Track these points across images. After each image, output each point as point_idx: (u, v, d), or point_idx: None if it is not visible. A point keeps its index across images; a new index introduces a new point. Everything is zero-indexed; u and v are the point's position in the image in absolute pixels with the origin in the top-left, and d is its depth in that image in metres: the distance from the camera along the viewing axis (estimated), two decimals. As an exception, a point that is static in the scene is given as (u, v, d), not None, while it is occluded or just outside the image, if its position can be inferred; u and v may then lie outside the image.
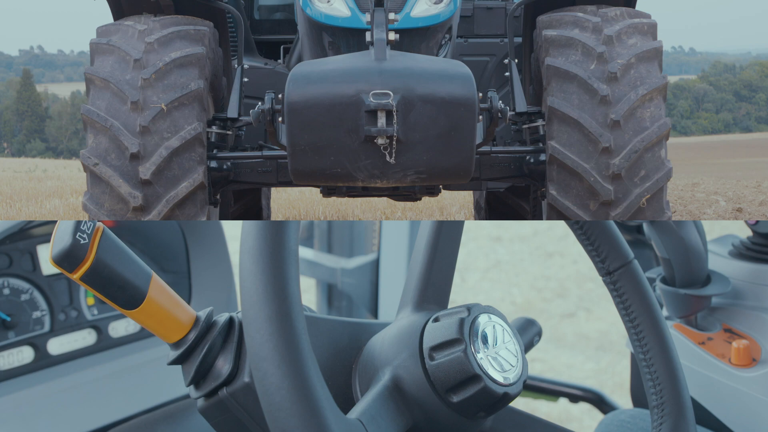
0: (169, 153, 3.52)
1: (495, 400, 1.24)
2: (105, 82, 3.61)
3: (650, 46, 3.72)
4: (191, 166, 3.55)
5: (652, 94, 3.64)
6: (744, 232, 2.82)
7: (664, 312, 2.73)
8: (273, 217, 6.69)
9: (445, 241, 1.41)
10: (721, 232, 2.88)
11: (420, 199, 4.39)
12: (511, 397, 1.26)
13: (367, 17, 3.61)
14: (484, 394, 1.23)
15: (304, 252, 4.43)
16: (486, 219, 6.12)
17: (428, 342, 1.25)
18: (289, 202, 9.94)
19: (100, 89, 3.63)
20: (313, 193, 9.56)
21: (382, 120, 3.18)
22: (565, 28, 3.86)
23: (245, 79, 4.10)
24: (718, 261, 2.73)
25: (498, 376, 1.24)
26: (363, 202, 8.93)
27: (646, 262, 3.08)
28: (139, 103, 3.55)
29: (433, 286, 1.39)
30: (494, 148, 3.86)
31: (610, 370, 5.91)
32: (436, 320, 1.28)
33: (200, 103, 3.61)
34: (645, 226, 2.65)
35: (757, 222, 2.66)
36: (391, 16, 3.51)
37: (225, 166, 3.99)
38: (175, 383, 2.51)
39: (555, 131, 3.64)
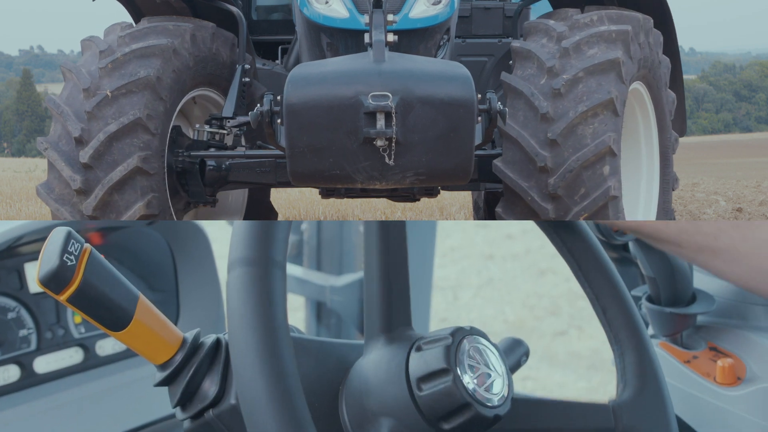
0: (107, 137, 3.55)
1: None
2: (71, 73, 3.73)
3: (604, 58, 3.63)
4: (131, 152, 3.57)
5: (595, 110, 3.54)
6: None
7: (650, 331, 2.73)
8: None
9: (393, 256, 1.38)
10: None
11: (419, 199, 4.39)
12: (501, 417, 1.25)
13: (365, 18, 3.61)
14: (476, 419, 1.23)
15: (293, 269, 4.41)
16: (485, 219, 6.12)
17: (415, 373, 1.25)
18: (289, 202, 9.92)
19: (67, 80, 3.75)
20: (313, 193, 9.54)
21: (381, 122, 3.17)
22: (535, 36, 3.83)
23: (246, 79, 4.11)
24: (703, 279, 2.72)
25: (487, 399, 1.24)
26: (362, 202, 8.92)
27: (632, 280, 3.05)
28: (90, 91, 3.62)
29: (396, 308, 1.36)
30: (490, 150, 3.84)
31: (602, 388, 5.89)
32: (419, 349, 1.27)
33: (153, 92, 3.64)
34: (630, 245, 2.64)
35: None
36: (390, 17, 3.50)
37: (223, 166, 4.00)
38: (161, 403, 2.51)
39: (503, 148, 3.65)
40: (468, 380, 1.23)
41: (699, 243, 1.43)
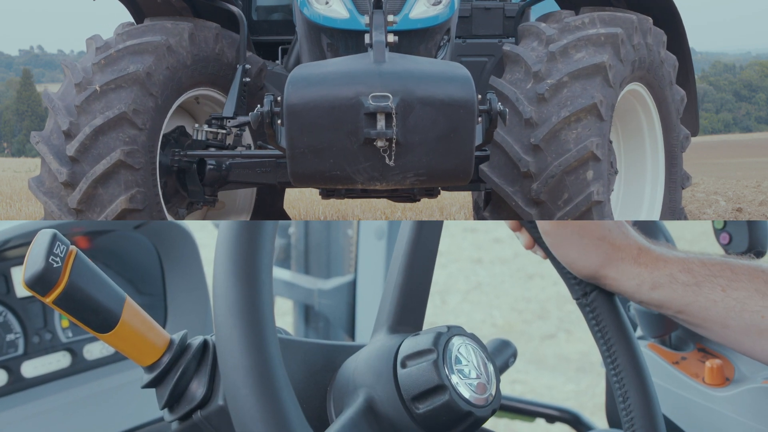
0: (93, 131, 3.58)
1: (460, 417, 1.22)
2: (67, 69, 3.78)
3: (590, 62, 3.63)
4: (115, 146, 3.59)
5: (578, 115, 3.55)
6: (718, 251, 2.81)
7: (639, 332, 2.74)
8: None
9: (421, 258, 1.40)
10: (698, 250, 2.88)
11: (419, 200, 4.39)
12: (478, 419, 1.24)
13: (365, 19, 3.61)
14: (449, 408, 1.21)
15: (281, 273, 4.41)
16: (485, 219, 6.11)
17: (403, 352, 1.25)
18: (289, 202, 9.91)
19: (66, 76, 3.79)
20: (313, 193, 9.54)
21: (381, 122, 3.17)
22: (526, 40, 3.84)
23: (246, 79, 4.11)
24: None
25: (467, 394, 1.23)
26: (363, 202, 8.91)
27: None
28: (82, 85, 3.66)
29: (409, 307, 1.38)
30: (479, 152, 3.84)
31: (590, 391, 5.89)
32: (415, 335, 1.28)
33: (142, 87, 3.66)
34: None
35: (730, 242, 2.67)
36: (390, 18, 3.50)
37: (224, 166, 4.00)
38: (150, 406, 2.51)
39: (490, 152, 3.66)
40: (449, 368, 1.23)
41: (746, 322, 1.35)
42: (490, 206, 3.75)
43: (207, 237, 3.88)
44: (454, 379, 1.23)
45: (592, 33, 3.73)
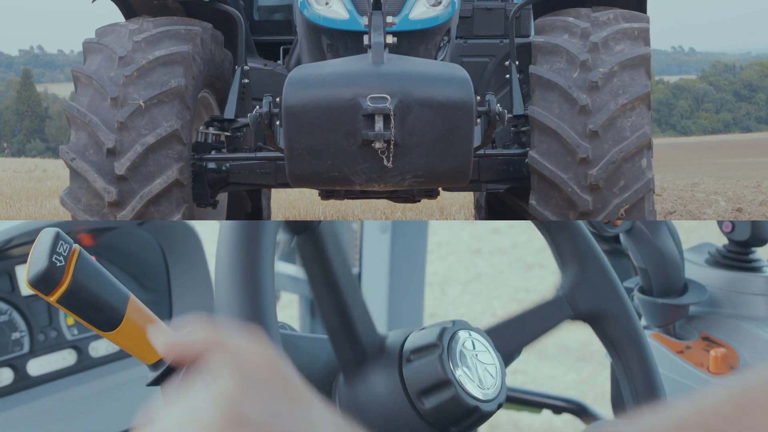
0: (144, 149, 3.53)
1: (466, 412, 1.23)
2: (89, 79, 3.67)
3: (636, 53, 3.69)
4: (167, 163, 3.56)
5: (633, 103, 3.61)
6: (720, 240, 2.82)
7: (643, 322, 2.74)
8: (273, 217, 6.69)
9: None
10: (698, 240, 2.90)
11: (419, 200, 4.40)
12: (484, 414, 1.24)
13: (365, 20, 3.61)
14: (455, 403, 1.22)
15: (286, 268, 4.41)
16: (486, 219, 6.12)
17: (414, 387, 1.25)
18: (289, 202, 9.93)
19: (84, 86, 3.69)
20: (313, 193, 9.53)
21: (379, 124, 3.18)
22: (555, 33, 3.85)
23: (245, 80, 4.10)
24: (695, 269, 2.73)
25: (473, 390, 1.24)
26: (363, 203, 8.92)
27: (624, 271, 3.07)
28: (119, 100, 3.58)
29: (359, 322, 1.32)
30: (489, 151, 3.85)
31: (591, 380, 5.90)
32: (409, 360, 1.27)
33: (181, 101, 3.62)
34: (621, 236, 2.66)
35: (733, 229, 2.67)
36: (389, 19, 3.50)
37: (224, 168, 3.99)
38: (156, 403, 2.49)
39: (536, 140, 3.66)
40: (455, 362, 1.24)
41: None
42: (536, 195, 3.68)
43: (208, 230, 3.88)
44: (459, 373, 1.23)
45: (626, 27, 3.80)
